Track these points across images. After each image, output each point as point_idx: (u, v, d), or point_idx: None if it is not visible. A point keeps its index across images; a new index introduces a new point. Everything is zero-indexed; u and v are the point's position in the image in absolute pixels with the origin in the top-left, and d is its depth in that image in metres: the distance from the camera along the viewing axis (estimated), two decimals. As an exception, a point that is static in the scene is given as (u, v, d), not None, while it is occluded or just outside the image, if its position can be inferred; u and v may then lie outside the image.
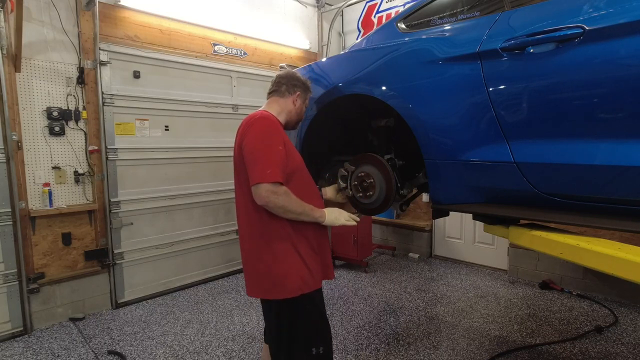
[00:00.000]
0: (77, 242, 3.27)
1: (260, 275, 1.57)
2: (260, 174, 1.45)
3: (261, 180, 1.45)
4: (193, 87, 3.93)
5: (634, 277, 1.18)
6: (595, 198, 1.36)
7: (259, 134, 1.51)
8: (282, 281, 1.54)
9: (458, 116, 1.63)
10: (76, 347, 2.80)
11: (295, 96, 1.72)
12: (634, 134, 1.24)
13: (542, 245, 1.46)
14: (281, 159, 1.50)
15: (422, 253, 4.79)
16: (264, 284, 1.56)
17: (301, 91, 1.74)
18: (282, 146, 1.53)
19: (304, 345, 1.58)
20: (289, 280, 1.54)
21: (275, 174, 1.45)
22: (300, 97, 1.74)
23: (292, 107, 1.72)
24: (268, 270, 1.55)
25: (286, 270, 1.54)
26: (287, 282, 1.54)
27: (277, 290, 1.54)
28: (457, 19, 1.78)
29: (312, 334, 1.60)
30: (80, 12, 3.19)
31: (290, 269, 1.54)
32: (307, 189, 1.68)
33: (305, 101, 1.79)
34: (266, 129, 1.53)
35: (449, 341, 2.78)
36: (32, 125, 3.01)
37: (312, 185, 1.76)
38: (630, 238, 2.88)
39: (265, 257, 1.55)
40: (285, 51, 4.82)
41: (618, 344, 2.69)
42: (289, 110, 1.71)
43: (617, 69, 1.24)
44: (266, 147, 1.49)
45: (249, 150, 1.50)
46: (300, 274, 1.56)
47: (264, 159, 1.47)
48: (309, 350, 1.57)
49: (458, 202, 1.69)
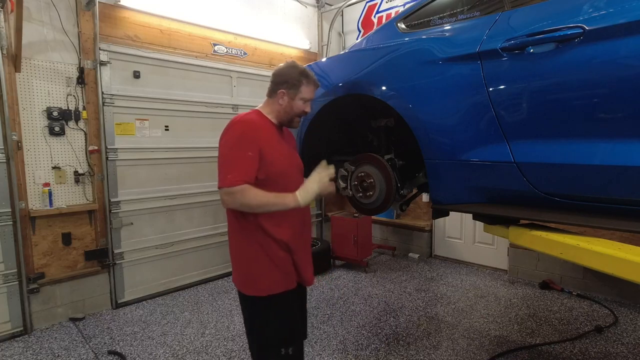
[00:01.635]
0: (77, 242, 3.27)
1: (238, 269, 1.64)
2: (221, 179, 1.50)
3: (221, 185, 1.50)
4: (193, 87, 3.93)
5: (634, 277, 1.18)
6: (595, 198, 1.36)
7: (228, 140, 1.54)
8: (254, 279, 1.59)
9: (458, 116, 1.63)
10: (76, 347, 2.80)
11: (279, 95, 1.64)
12: (633, 134, 1.24)
13: (542, 245, 1.46)
14: (247, 165, 1.50)
15: (422, 253, 4.79)
16: (241, 277, 1.63)
17: (286, 88, 1.63)
18: (253, 152, 1.51)
19: (273, 344, 1.59)
20: (260, 280, 1.58)
21: (234, 178, 1.48)
22: (287, 95, 1.63)
23: (278, 107, 1.65)
24: (243, 267, 1.62)
25: (257, 269, 1.59)
26: (258, 281, 1.58)
27: (250, 287, 1.60)
28: (457, 19, 1.78)
29: (282, 334, 1.60)
30: (80, 12, 3.19)
31: (261, 269, 1.58)
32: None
33: (297, 95, 1.64)
34: (236, 135, 1.53)
35: (449, 341, 2.78)
36: (32, 125, 3.01)
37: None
38: (630, 238, 2.88)
39: (241, 254, 1.62)
40: (285, 51, 4.82)
41: (618, 344, 2.69)
42: (277, 110, 1.66)
43: (616, 68, 1.24)
44: (231, 153, 1.51)
45: (218, 155, 1.54)
46: (270, 275, 1.58)
47: (227, 165, 1.50)
48: (279, 350, 1.57)
49: (458, 202, 1.69)
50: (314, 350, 2.70)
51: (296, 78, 1.64)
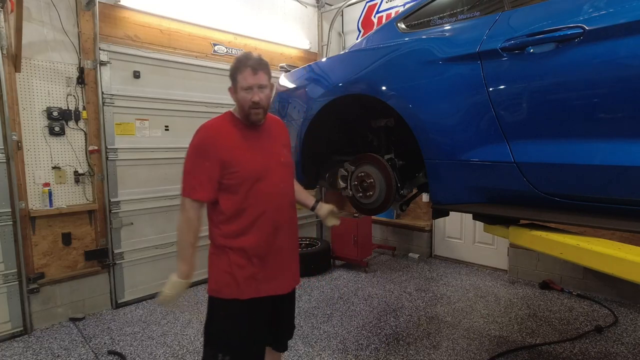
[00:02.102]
0: (77, 242, 3.27)
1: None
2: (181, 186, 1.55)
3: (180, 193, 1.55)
4: (193, 87, 3.93)
5: (634, 277, 1.18)
6: (595, 198, 1.36)
7: (188, 149, 1.58)
8: (210, 279, 1.60)
9: (458, 116, 1.63)
10: (76, 347, 2.80)
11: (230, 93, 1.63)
12: (633, 134, 1.24)
13: (542, 245, 1.46)
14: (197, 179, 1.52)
15: (422, 253, 4.79)
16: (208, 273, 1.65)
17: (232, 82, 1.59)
18: (211, 161, 1.50)
19: (213, 346, 1.59)
20: (211, 279, 1.60)
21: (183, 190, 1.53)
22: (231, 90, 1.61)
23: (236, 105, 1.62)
24: (208, 264, 1.62)
25: (213, 271, 1.59)
26: (211, 280, 1.60)
27: (209, 284, 1.61)
28: (457, 19, 1.78)
29: (221, 340, 1.57)
30: (80, 12, 3.19)
31: (217, 272, 1.58)
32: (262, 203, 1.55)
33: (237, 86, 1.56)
34: (193, 144, 1.57)
35: (449, 341, 2.78)
36: (32, 125, 3.01)
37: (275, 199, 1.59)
38: (630, 238, 2.88)
39: (209, 252, 1.63)
40: (285, 51, 4.82)
41: (618, 344, 2.69)
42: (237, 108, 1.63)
43: (616, 69, 1.24)
44: (187, 164, 1.56)
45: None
46: (223, 279, 1.56)
47: (183, 174, 1.55)
48: (216, 354, 1.55)
49: (458, 202, 1.69)
50: (314, 350, 2.70)
51: (231, 69, 1.57)
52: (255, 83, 1.52)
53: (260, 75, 1.53)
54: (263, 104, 1.55)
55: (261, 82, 1.53)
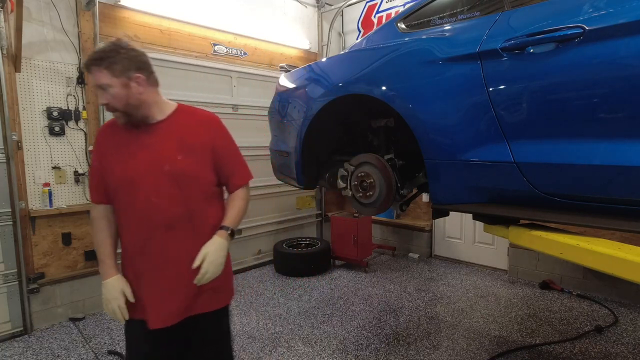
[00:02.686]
0: (77, 242, 3.27)
1: None
2: None
3: None
4: (193, 87, 3.93)
5: (634, 277, 1.18)
6: (595, 198, 1.36)
7: None
8: None
9: (458, 116, 1.63)
10: (76, 347, 2.80)
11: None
12: (633, 134, 1.24)
13: (542, 245, 1.46)
14: (91, 176, 1.47)
15: (422, 253, 4.79)
16: None
17: None
18: (97, 161, 1.42)
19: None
20: None
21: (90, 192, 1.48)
22: None
23: None
24: None
25: None
26: None
27: None
28: (457, 19, 1.78)
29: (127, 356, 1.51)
30: (80, 12, 3.19)
31: None
32: (127, 218, 1.39)
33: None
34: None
35: (449, 341, 2.78)
36: (32, 125, 3.01)
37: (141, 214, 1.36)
38: (630, 238, 2.88)
39: None
40: (285, 51, 4.82)
41: (618, 344, 2.69)
42: None
43: (616, 68, 1.24)
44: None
45: None
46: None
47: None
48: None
49: (458, 202, 1.69)
50: (314, 350, 2.70)
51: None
52: (96, 83, 1.30)
53: (97, 74, 1.27)
54: (115, 106, 1.31)
55: (101, 82, 1.28)
